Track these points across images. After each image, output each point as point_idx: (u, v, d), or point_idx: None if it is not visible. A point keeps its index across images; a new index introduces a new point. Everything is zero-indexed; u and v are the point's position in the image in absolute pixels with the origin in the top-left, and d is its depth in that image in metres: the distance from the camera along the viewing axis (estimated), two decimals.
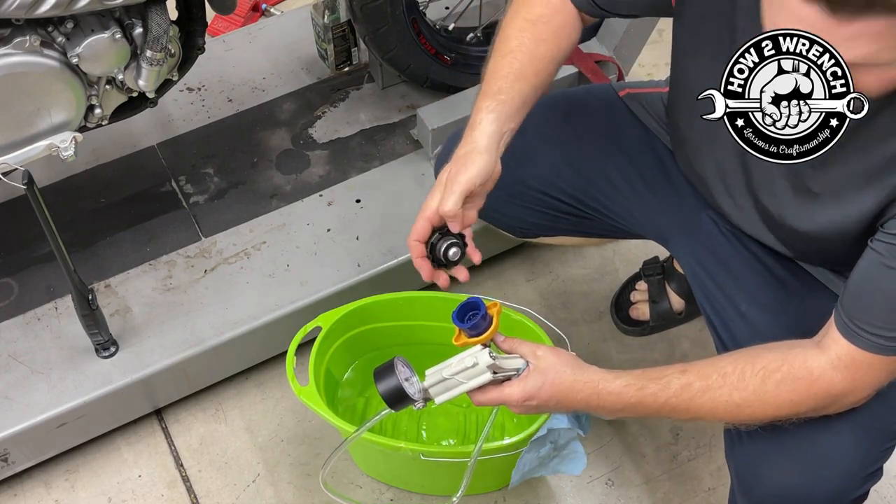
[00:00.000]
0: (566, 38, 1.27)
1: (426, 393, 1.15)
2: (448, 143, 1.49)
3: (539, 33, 1.25)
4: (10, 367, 1.59)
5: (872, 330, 1.04)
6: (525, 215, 1.47)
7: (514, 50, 1.25)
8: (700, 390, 1.10)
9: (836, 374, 1.07)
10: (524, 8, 1.28)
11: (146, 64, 1.41)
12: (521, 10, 1.28)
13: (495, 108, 1.21)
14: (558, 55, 1.27)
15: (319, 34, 1.93)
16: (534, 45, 1.25)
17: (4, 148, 1.41)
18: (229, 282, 1.69)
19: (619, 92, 1.46)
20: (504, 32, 1.27)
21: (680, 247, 1.42)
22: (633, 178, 1.41)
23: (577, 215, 1.46)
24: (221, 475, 1.66)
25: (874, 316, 1.04)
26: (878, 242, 1.03)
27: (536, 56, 1.25)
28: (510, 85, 1.22)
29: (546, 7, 1.27)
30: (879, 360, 1.06)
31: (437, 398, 1.15)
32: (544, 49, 1.25)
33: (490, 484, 1.61)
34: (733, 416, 1.11)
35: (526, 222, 1.49)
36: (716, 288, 1.35)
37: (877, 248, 1.03)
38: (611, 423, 1.70)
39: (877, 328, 1.04)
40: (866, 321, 1.04)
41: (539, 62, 1.25)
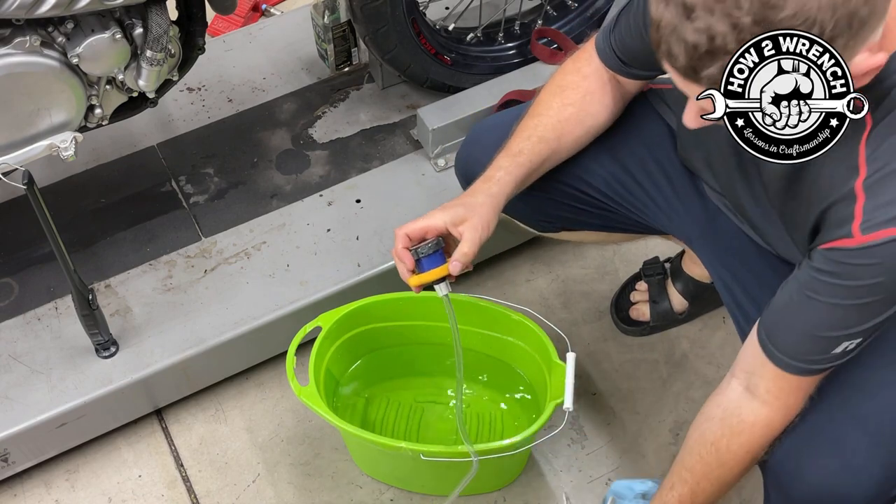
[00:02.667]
0: (595, 104, 1.35)
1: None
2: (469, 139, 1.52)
3: (566, 98, 1.34)
4: (11, 367, 1.59)
5: (796, 356, 1.09)
6: (548, 207, 1.48)
7: (542, 113, 1.34)
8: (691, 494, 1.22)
9: (768, 409, 1.15)
10: (559, 75, 1.37)
11: (146, 64, 1.41)
12: (557, 76, 1.37)
13: (512, 169, 1.30)
14: (585, 119, 1.35)
15: (319, 34, 1.93)
16: (560, 109, 1.34)
17: (4, 148, 1.41)
18: (229, 282, 1.69)
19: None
20: (538, 96, 1.37)
21: (703, 247, 1.43)
22: (656, 175, 1.42)
23: (601, 208, 1.47)
24: (221, 475, 1.66)
25: (798, 344, 1.09)
26: (803, 272, 1.06)
27: (561, 119, 1.33)
28: (531, 146, 1.32)
29: (577, 75, 1.35)
30: (805, 382, 1.12)
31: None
32: (569, 113, 1.33)
33: (490, 484, 1.61)
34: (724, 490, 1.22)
35: (549, 215, 1.50)
36: (742, 291, 1.36)
37: (799, 277, 1.07)
38: (610, 423, 1.71)
39: (800, 354, 1.09)
40: (789, 350, 1.10)
41: (563, 125, 1.33)
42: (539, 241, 1.87)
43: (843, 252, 1.00)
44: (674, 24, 0.89)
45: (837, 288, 1.02)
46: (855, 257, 0.99)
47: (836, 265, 1.01)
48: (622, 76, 1.33)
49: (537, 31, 1.96)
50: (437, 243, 1.25)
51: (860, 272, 1.00)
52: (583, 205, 1.47)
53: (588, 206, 1.47)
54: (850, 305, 1.02)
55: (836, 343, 1.06)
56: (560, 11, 2.00)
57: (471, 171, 1.49)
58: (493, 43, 1.96)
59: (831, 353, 1.07)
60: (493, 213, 1.27)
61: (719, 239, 1.38)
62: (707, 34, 0.87)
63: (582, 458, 1.67)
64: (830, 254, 1.02)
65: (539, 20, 1.98)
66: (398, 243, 1.27)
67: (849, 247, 0.99)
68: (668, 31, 0.90)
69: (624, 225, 1.50)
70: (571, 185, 1.44)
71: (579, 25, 1.98)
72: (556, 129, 1.33)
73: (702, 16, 0.87)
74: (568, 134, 1.34)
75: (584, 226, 1.53)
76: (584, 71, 1.34)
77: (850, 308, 1.03)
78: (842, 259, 1.00)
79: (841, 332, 1.05)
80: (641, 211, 1.45)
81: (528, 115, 1.35)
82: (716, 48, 0.87)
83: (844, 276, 1.01)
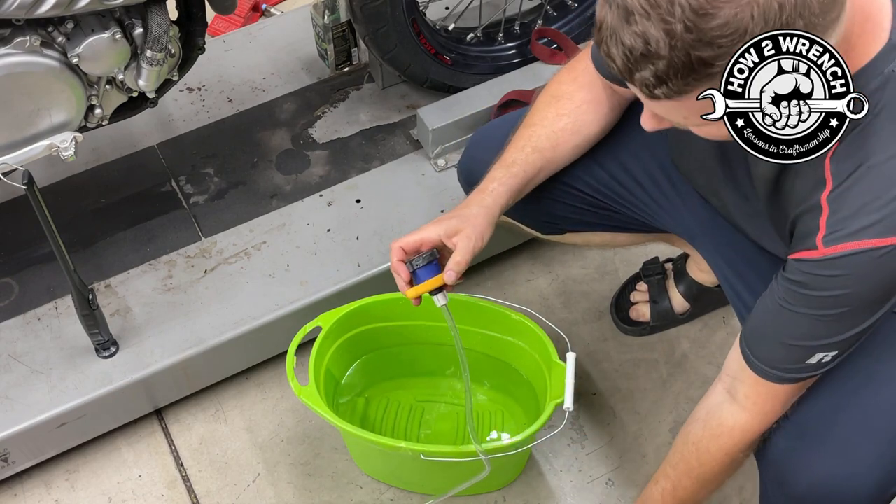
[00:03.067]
0: (590, 113, 1.35)
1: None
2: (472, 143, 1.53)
3: (561, 108, 1.34)
4: (11, 367, 1.59)
5: (772, 364, 1.11)
6: (550, 208, 1.48)
7: (537, 123, 1.34)
8: (672, 490, 1.27)
9: (746, 414, 1.17)
10: (554, 84, 1.37)
11: (146, 64, 1.41)
12: (552, 85, 1.37)
13: (506, 180, 1.31)
14: (581, 129, 1.35)
15: (319, 34, 1.93)
16: (555, 119, 1.34)
17: (4, 148, 1.41)
18: (229, 282, 1.69)
19: None
20: (534, 105, 1.37)
21: (706, 246, 1.43)
22: (658, 176, 1.42)
23: (603, 208, 1.47)
24: (221, 475, 1.66)
25: (773, 352, 1.11)
26: (778, 281, 1.08)
27: (556, 130, 1.34)
28: (525, 157, 1.32)
29: (572, 84, 1.35)
30: (783, 390, 1.14)
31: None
32: (564, 123, 1.34)
33: (490, 484, 1.61)
34: (706, 488, 1.26)
35: (552, 216, 1.50)
36: (745, 287, 1.36)
37: (775, 288, 1.09)
38: (610, 422, 1.71)
39: (775, 362, 1.11)
40: (765, 358, 1.12)
41: (558, 135, 1.34)
42: (539, 241, 1.87)
43: (808, 263, 1.02)
44: (614, 26, 0.90)
45: (806, 298, 1.04)
46: (819, 268, 1.01)
47: (804, 275, 1.03)
48: (617, 84, 1.33)
49: (537, 31, 1.96)
50: (432, 254, 1.27)
51: (825, 283, 1.02)
52: (585, 205, 1.47)
53: (590, 206, 1.47)
54: (820, 316, 1.04)
55: (810, 353, 1.08)
56: (560, 11, 2.00)
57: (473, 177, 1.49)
58: (493, 43, 1.96)
59: (806, 363, 1.09)
60: (488, 224, 1.28)
61: (721, 235, 1.38)
62: (643, 38, 0.88)
63: (582, 458, 1.67)
64: (798, 265, 1.04)
65: (539, 20, 1.98)
66: (393, 256, 1.28)
67: (813, 258, 1.01)
68: (608, 34, 0.91)
69: (627, 224, 1.50)
70: (573, 185, 1.44)
71: (579, 25, 1.98)
72: (552, 139, 1.34)
73: (639, 20, 0.88)
74: (563, 144, 1.35)
75: (587, 226, 1.53)
76: (580, 80, 1.34)
77: (820, 319, 1.05)
78: (808, 270, 1.03)
79: (813, 343, 1.07)
80: (643, 210, 1.45)
81: (524, 124, 1.35)
82: (650, 52, 0.88)
83: (811, 286, 1.03)
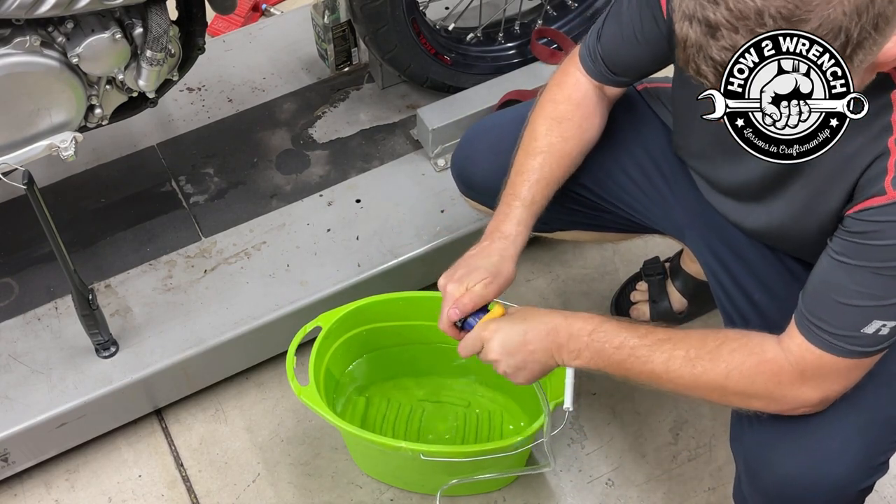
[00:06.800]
0: (591, 129, 1.35)
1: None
2: (465, 140, 1.51)
3: (564, 131, 1.33)
4: (11, 367, 1.59)
5: (824, 326, 1.05)
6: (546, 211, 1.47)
7: (544, 151, 1.32)
8: (661, 339, 1.14)
9: (787, 364, 1.08)
10: (550, 105, 1.34)
11: (146, 64, 1.41)
12: (547, 107, 1.34)
13: (528, 221, 1.30)
14: (586, 145, 1.35)
15: (319, 34, 1.93)
16: (561, 144, 1.33)
17: (4, 148, 1.41)
18: (229, 282, 1.69)
19: (638, 86, 1.47)
20: (532, 129, 1.34)
21: (695, 239, 1.43)
22: (650, 171, 1.42)
23: (593, 208, 1.47)
24: (221, 475, 1.66)
25: (827, 313, 1.05)
26: (834, 238, 1.05)
27: (564, 154, 1.33)
28: (542, 192, 1.31)
29: (568, 104, 1.33)
30: (830, 360, 1.06)
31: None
32: (570, 146, 1.33)
33: (490, 484, 1.61)
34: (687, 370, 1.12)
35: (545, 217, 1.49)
36: (730, 279, 1.36)
37: (831, 245, 1.05)
38: (610, 422, 1.71)
39: (827, 325, 1.05)
40: (819, 317, 1.06)
41: (567, 159, 1.34)
42: (539, 241, 1.87)
43: (873, 210, 0.98)
44: (700, 43, 0.89)
45: (866, 249, 0.99)
46: (885, 214, 0.97)
47: (866, 224, 0.99)
48: (610, 86, 1.33)
49: (537, 31, 1.96)
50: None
51: (891, 230, 0.97)
52: (578, 206, 1.47)
53: (583, 206, 1.47)
54: (881, 269, 0.99)
55: (867, 318, 1.01)
56: (560, 11, 2.00)
57: (466, 173, 1.49)
58: (493, 43, 1.96)
59: (861, 331, 1.02)
60: (514, 266, 1.28)
61: (711, 229, 1.38)
62: (733, 52, 0.87)
63: (582, 458, 1.67)
64: (860, 214, 0.99)
65: (539, 20, 1.98)
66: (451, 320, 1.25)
67: (879, 204, 0.97)
68: (694, 51, 0.90)
69: (617, 225, 1.50)
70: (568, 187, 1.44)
71: (579, 25, 1.98)
72: (562, 165, 1.33)
73: (726, 34, 0.87)
74: (571, 165, 1.35)
75: (576, 225, 1.53)
76: (574, 98, 1.34)
77: (879, 274, 0.99)
78: (871, 217, 0.98)
79: (870, 303, 1.01)
80: (635, 209, 1.45)
81: (529, 152, 1.33)
82: None
83: (874, 235, 0.98)
